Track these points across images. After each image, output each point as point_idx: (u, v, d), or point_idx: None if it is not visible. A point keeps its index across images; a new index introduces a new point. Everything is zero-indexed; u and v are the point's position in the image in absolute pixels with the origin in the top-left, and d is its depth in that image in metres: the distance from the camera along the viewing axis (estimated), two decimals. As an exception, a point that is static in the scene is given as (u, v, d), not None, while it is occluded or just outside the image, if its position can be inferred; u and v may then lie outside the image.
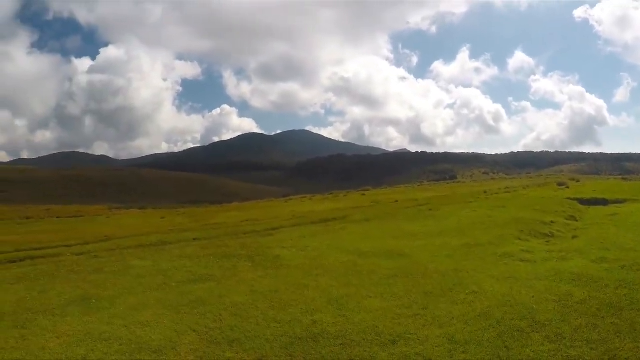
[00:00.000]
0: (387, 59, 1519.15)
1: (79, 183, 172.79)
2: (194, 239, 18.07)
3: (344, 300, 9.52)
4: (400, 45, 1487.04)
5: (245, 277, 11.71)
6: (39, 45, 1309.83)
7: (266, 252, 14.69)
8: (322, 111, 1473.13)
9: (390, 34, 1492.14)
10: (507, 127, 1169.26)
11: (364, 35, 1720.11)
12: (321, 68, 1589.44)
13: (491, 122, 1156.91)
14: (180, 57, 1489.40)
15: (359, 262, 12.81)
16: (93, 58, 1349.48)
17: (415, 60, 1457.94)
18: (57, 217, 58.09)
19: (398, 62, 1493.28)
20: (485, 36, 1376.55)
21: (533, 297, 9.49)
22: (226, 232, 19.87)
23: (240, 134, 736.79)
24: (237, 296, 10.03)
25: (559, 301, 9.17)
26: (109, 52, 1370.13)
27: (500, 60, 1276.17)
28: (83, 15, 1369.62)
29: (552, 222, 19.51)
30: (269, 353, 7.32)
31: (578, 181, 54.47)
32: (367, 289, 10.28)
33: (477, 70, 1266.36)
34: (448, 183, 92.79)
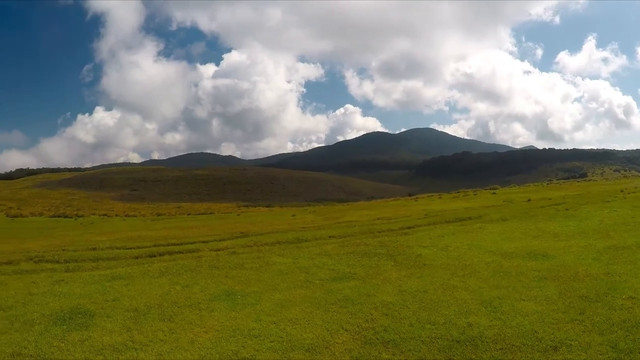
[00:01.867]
0: (511, 52, 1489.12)
1: (207, 182, 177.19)
2: (330, 237, 17.98)
3: (497, 302, 9.06)
4: (523, 38, 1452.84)
5: (390, 276, 11.45)
6: (165, 54, 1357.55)
7: (406, 251, 14.40)
8: (446, 108, 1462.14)
9: (513, 26, 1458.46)
10: (639, 120, 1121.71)
11: (486, 29, 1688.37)
12: (444, 64, 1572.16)
13: (621, 116, 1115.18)
14: (302, 59, 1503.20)
15: (504, 263, 12.29)
16: (217, 64, 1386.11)
17: (539, 52, 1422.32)
18: (188, 214, 59.87)
19: (522, 55, 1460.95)
20: (611, 23, 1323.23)
21: (696, 305, 8.75)
22: (361, 230, 19.67)
23: (365, 133, 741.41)
24: (386, 295, 9.78)
25: None
26: (232, 57, 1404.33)
27: (628, 48, 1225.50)
28: (205, 24, 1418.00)
29: (701, 223, 18.34)
30: (427, 356, 6.99)
31: None
32: (518, 291, 9.77)
33: (605, 61, 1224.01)
34: (578, 181, 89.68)
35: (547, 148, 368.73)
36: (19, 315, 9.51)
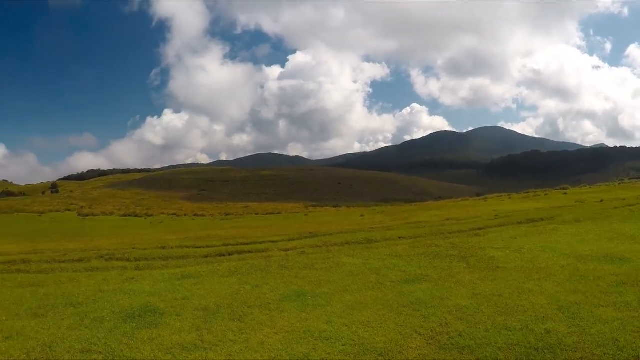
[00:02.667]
0: (579, 46, 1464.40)
1: (274, 182, 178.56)
2: (400, 238, 17.78)
3: (575, 308, 8.68)
4: (591, 31, 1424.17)
5: (463, 278, 11.19)
6: (231, 56, 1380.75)
7: (478, 252, 14.10)
8: (514, 106, 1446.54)
9: (580, 20, 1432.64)
10: None
11: (553, 23, 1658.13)
12: (510, 60, 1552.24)
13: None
14: (367, 58, 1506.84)
15: (580, 267, 11.82)
16: (282, 65, 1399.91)
17: (608, 46, 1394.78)
18: (256, 214, 60.36)
19: (590, 50, 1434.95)
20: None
21: None
22: (431, 231, 19.40)
23: (432, 132, 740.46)
24: (459, 299, 9.54)
25: None
26: (297, 59, 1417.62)
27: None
28: (269, 26, 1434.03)
29: None
30: (504, 363, 6.76)
31: None
32: (596, 296, 9.36)
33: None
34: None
35: (618, 146, 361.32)
36: (90, 312, 9.70)
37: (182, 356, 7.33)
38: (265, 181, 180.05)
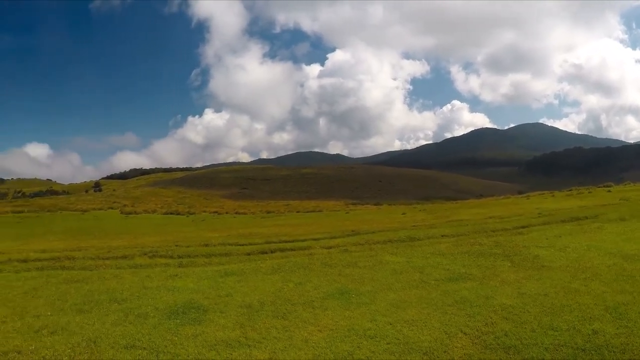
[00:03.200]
0: (621, 40, 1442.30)
1: (315, 180, 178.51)
2: (442, 236, 17.64)
3: (622, 308, 8.51)
4: (633, 24, 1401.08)
5: (508, 277, 11.07)
6: (270, 55, 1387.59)
7: (523, 251, 13.90)
8: (556, 102, 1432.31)
9: (622, 12, 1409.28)
10: None
11: (594, 17, 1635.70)
12: (551, 55, 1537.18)
13: None
14: (407, 55, 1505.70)
15: (627, 266, 11.59)
16: (322, 63, 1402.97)
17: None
18: (297, 212, 60.45)
19: (633, 43, 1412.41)
20: None
21: None
22: (474, 229, 19.18)
23: (473, 129, 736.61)
24: (505, 298, 9.44)
25: None
26: (336, 57, 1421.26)
27: None
28: (307, 24, 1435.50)
29: None
30: (550, 364, 6.68)
31: None
32: (644, 297, 9.24)
33: None
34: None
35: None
36: (134, 308, 9.81)
37: (226, 353, 7.39)
38: (306, 179, 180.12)
